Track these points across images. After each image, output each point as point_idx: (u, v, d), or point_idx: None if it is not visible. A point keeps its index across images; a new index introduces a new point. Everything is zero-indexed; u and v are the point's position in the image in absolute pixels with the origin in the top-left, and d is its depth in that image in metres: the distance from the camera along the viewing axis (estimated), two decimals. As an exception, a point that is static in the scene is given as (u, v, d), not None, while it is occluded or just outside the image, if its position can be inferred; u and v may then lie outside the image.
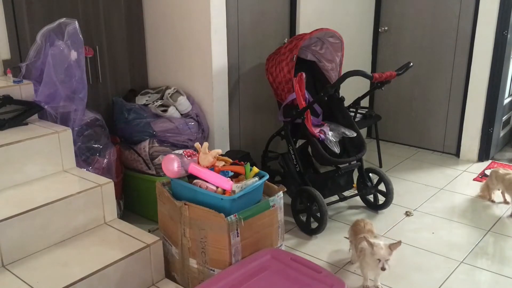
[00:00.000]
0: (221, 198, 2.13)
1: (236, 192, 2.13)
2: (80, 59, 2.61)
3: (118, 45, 3.33)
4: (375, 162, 4.29)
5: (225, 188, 2.16)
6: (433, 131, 4.64)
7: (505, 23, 3.97)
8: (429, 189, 3.83)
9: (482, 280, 2.68)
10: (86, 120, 2.84)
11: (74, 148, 2.58)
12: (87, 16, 3.11)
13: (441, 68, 4.46)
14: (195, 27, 3.21)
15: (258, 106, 3.81)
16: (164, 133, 3.06)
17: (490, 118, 4.25)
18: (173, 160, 2.26)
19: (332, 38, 3.33)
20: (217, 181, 2.19)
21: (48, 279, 1.96)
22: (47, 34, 2.58)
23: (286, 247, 2.67)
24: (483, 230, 3.18)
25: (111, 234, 2.33)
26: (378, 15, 4.73)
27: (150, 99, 3.29)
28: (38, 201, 2.16)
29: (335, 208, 3.46)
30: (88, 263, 2.06)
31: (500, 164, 4.29)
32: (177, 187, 2.32)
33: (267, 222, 2.28)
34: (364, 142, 3.30)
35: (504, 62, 4.08)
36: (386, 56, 4.78)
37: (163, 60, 3.48)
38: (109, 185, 2.40)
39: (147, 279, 2.25)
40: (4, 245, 2.03)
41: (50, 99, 2.59)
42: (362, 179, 3.43)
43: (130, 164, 3.15)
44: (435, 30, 4.43)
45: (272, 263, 2.12)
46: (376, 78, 3.08)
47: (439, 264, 2.82)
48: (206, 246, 2.17)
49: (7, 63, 2.75)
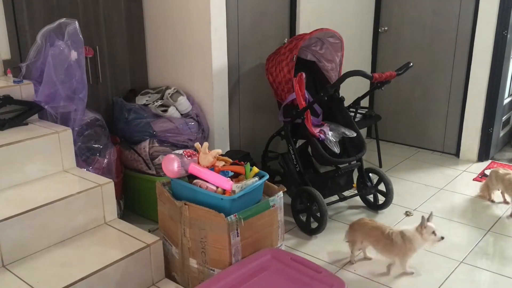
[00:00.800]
0: (221, 198, 2.13)
1: (236, 192, 2.13)
2: (80, 59, 2.61)
3: (118, 45, 3.34)
4: (375, 162, 4.29)
5: (225, 188, 2.16)
6: (433, 131, 4.64)
7: (505, 23, 3.97)
8: (429, 189, 3.83)
9: (482, 280, 2.69)
10: (86, 120, 2.84)
11: (74, 148, 2.58)
12: (87, 16, 3.11)
13: (441, 68, 4.47)
14: (195, 27, 3.21)
15: (258, 106, 3.81)
16: (164, 133, 3.06)
17: (490, 118, 4.25)
18: (173, 160, 2.26)
19: (332, 38, 3.33)
20: (217, 181, 2.19)
21: (48, 279, 1.96)
22: (47, 34, 2.58)
23: (286, 247, 2.68)
24: (483, 230, 3.18)
25: (111, 234, 2.33)
26: (378, 15, 4.73)
27: (150, 99, 3.29)
28: (38, 201, 2.16)
29: (335, 208, 3.46)
30: (88, 263, 2.07)
31: (500, 164, 4.29)
32: (177, 187, 2.32)
33: (267, 222, 2.28)
34: (364, 142, 3.30)
35: (504, 62, 4.08)
36: (386, 56, 4.78)
37: (163, 60, 3.49)
38: (109, 185, 2.40)
39: (147, 279, 2.25)
40: (4, 245, 2.03)
41: (50, 99, 2.59)
42: (362, 179, 3.43)
43: (130, 164, 3.15)
44: (435, 30, 4.43)
45: (272, 263, 2.12)
46: (376, 78, 3.08)
47: (439, 264, 2.82)
48: (206, 246, 2.17)
49: (7, 63, 2.75)
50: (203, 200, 2.17)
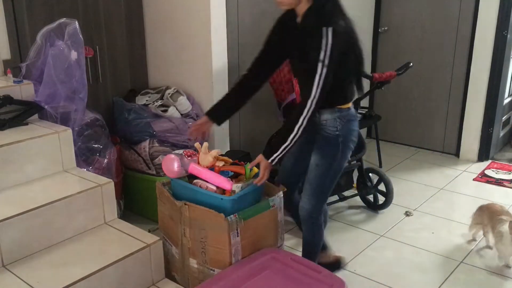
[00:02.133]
0: (221, 198, 2.13)
1: (236, 192, 2.13)
2: (80, 59, 2.61)
3: (118, 45, 3.34)
4: (375, 162, 4.29)
5: (225, 188, 2.16)
6: (433, 131, 4.64)
7: (505, 23, 3.97)
8: (429, 189, 3.83)
9: (482, 280, 2.69)
10: (86, 120, 2.84)
11: (74, 148, 2.57)
12: (87, 16, 3.11)
13: (441, 68, 4.47)
14: (195, 27, 3.21)
15: (258, 106, 3.80)
16: (164, 133, 3.06)
17: (490, 118, 4.25)
18: (173, 160, 2.26)
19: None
20: (217, 181, 2.19)
21: (48, 279, 1.96)
22: (47, 34, 2.58)
23: (286, 247, 2.68)
24: (483, 230, 3.18)
25: (111, 234, 2.33)
26: (378, 15, 4.73)
27: (150, 99, 3.29)
28: (38, 201, 2.16)
29: (335, 208, 3.46)
30: (88, 263, 2.07)
31: (500, 164, 4.29)
32: (177, 187, 2.32)
33: (267, 222, 2.28)
34: (364, 142, 3.30)
35: (504, 62, 4.08)
36: (386, 56, 4.78)
37: (163, 60, 3.49)
38: (109, 185, 2.40)
39: (147, 279, 2.25)
40: (4, 245, 2.03)
41: (50, 99, 2.59)
42: (362, 179, 3.43)
43: (130, 164, 3.15)
44: (435, 30, 4.43)
45: (272, 263, 2.12)
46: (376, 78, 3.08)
47: (439, 264, 2.82)
48: (206, 246, 2.17)
49: (7, 63, 2.75)
50: (203, 200, 2.17)
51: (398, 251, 2.97)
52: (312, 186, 2.33)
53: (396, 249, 2.98)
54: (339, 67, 2.08)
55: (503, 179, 3.98)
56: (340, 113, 2.24)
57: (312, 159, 2.31)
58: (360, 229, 3.23)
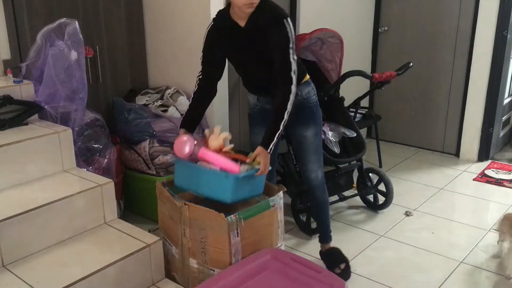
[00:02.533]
0: (225, 176, 2.13)
1: (243, 172, 2.14)
2: (80, 59, 2.61)
3: (118, 45, 3.34)
4: (375, 162, 4.29)
5: (233, 170, 2.16)
6: (433, 131, 4.64)
7: (505, 23, 3.97)
8: (429, 189, 3.83)
9: (482, 280, 2.69)
10: (86, 120, 2.84)
11: (74, 148, 2.57)
12: (87, 16, 3.11)
13: (441, 68, 4.47)
14: (195, 27, 3.21)
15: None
16: (164, 133, 3.06)
17: (490, 118, 4.25)
18: (185, 142, 2.23)
19: (332, 38, 3.33)
20: (226, 164, 2.19)
21: (48, 279, 1.96)
22: (47, 34, 2.58)
23: (286, 247, 2.68)
24: (483, 230, 3.18)
25: (111, 234, 2.33)
26: (378, 15, 4.73)
27: (150, 99, 3.29)
28: (38, 201, 2.16)
29: (335, 208, 3.46)
30: (88, 263, 2.07)
31: (500, 164, 4.29)
32: (181, 169, 2.31)
33: (267, 222, 2.28)
34: (364, 142, 3.30)
35: (504, 62, 4.08)
36: (386, 56, 4.78)
37: (163, 60, 3.48)
38: (109, 185, 2.40)
39: (147, 279, 2.25)
40: (4, 245, 2.03)
41: (50, 99, 2.59)
42: (362, 179, 3.43)
43: (130, 164, 3.15)
44: (435, 30, 4.43)
45: (272, 263, 2.12)
46: (376, 78, 3.08)
47: (439, 264, 2.82)
48: (206, 246, 2.17)
49: (7, 63, 2.75)
50: (207, 179, 2.17)
51: (398, 251, 2.97)
52: (313, 153, 2.62)
53: (396, 249, 2.98)
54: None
55: (503, 179, 3.98)
56: (310, 83, 2.56)
57: (302, 132, 2.57)
58: (360, 229, 3.23)
